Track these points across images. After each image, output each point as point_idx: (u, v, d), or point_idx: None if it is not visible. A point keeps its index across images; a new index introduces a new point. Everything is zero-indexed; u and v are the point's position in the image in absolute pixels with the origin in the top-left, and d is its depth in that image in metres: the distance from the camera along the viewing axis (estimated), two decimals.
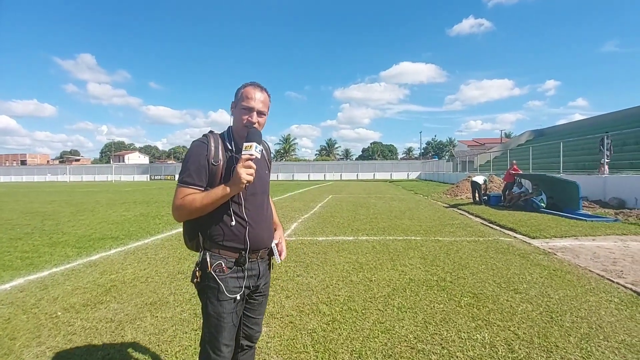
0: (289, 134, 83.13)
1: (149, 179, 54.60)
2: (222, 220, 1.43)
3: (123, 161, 74.48)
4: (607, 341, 2.49)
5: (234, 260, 1.44)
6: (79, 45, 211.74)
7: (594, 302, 3.21)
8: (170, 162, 79.98)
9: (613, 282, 3.84)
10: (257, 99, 1.45)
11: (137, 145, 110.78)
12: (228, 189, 1.35)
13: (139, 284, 3.84)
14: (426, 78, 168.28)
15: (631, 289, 3.60)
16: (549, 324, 2.77)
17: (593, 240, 6.04)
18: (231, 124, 1.53)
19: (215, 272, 1.40)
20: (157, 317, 2.97)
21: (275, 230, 1.68)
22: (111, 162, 63.92)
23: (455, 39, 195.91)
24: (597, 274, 4.12)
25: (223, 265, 1.42)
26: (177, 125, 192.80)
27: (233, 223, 1.43)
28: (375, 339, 2.55)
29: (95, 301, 3.35)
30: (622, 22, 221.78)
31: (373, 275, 4.05)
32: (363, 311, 3.03)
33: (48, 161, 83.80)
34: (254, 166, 1.35)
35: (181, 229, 1.58)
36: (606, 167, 12.09)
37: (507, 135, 58.59)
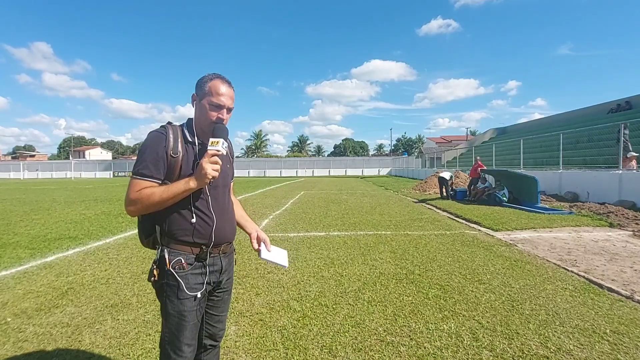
0: (260, 130, 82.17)
1: (112, 176, 51.92)
2: (181, 214, 1.37)
3: (83, 157, 70.26)
4: (563, 326, 2.64)
5: (194, 256, 1.38)
6: (33, 33, 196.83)
7: (551, 290, 3.40)
8: (135, 158, 76.68)
9: (568, 270, 4.10)
10: (227, 95, 1.41)
11: (99, 140, 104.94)
12: (192, 183, 1.30)
13: (99, 285, 3.63)
14: (397, 76, 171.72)
15: (584, 277, 3.85)
16: (510, 312, 2.90)
17: (550, 231, 6.42)
18: (192, 116, 1.47)
19: (174, 269, 1.34)
20: (118, 319, 2.81)
21: (243, 225, 1.66)
22: (70, 158, 60.07)
23: (424, 39, 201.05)
24: (554, 263, 4.38)
25: (183, 261, 1.36)
26: (142, 120, 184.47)
27: (194, 218, 1.37)
28: (346, 334, 2.55)
29: (50, 305, 3.12)
30: (575, 27, 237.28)
31: (344, 270, 4.07)
32: (334, 306, 3.03)
33: None
34: (220, 162, 1.32)
35: None
36: (634, 161, 9.96)
37: (472, 133, 61.11)
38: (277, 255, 1.61)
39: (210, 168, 1.28)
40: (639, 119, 13.43)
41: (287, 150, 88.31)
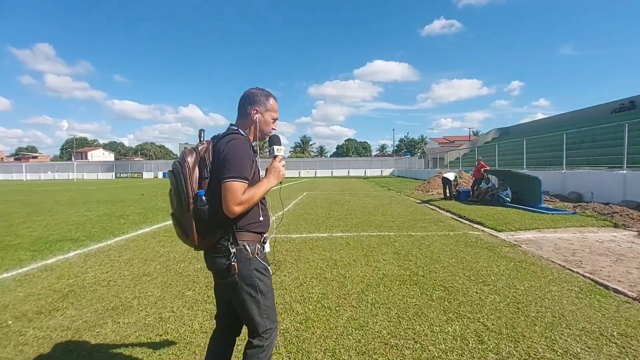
0: None
1: (114, 177, 52.13)
2: (255, 210, 1.56)
3: (86, 158, 70.58)
4: (570, 329, 2.59)
5: (260, 243, 1.60)
6: (35, 34, 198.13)
7: (557, 292, 3.35)
8: (137, 159, 76.77)
9: (573, 271, 4.05)
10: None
11: (102, 141, 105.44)
12: (273, 182, 1.57)
13: (100, 288, 3.61)
14: (399, 76, 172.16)
15: (590, 278, 3.80)
16: (515, 314, 2.86)
17: (554, 232, 6.36)
18: (251, 125, 1.65)
19: (257, 255, 1.56)
20: (118, 322, 2.79)
21: None
22: (73, 159, 60.32)
23: (427, 39, 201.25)
24: (559, 264, 4.33)
25: (259, 247, 1.58)
26: (144, 121, 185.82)
27: (261, 212, 1.60)
28: (349, 337, 2.52)
29: (51, 308, 3.10)
30: (577, 26, 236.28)
31: (347, 271, 4.03)
32: (337, 308, 2.99)
33: (2, 158, 78.03)
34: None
35: (148, 229, 1.59)
36: None
37: (475, 133, 60.95)
38: None
39: (283, 170, 1.61)
40: None
41: (290, 151, 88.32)
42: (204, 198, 1.44)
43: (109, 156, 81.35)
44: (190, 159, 1.47)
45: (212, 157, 1.52)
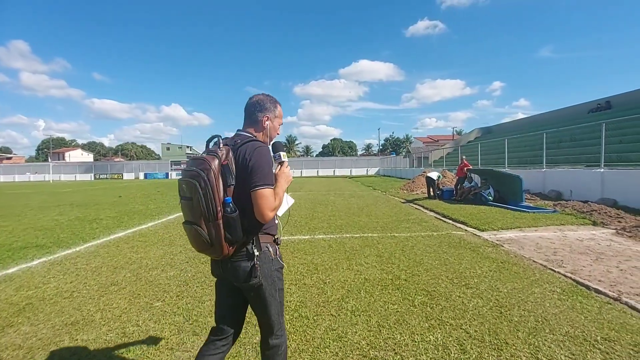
0: None
1: (93, 178, 50.54)
2: None
3: (63, 159, 68.13)
4: (553, 334, 2.52)
5: (275, 244, 1.65)
6: (9, 31, 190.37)
7: (539, 294, 3.30)
8: (118, 159, 74.68)
9: (555, 271, 4.02)
10: None
11: (80, 141, 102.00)
12: (285, 186, 1.60)
13: (62, 300, 3.35)
14: (385, 76, 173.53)
15: (571, 278, 3.78)
16: (498, 319, 2.78)
17: (535, 231, 6.40)
18: (261, 132, 1.67)
19: (277, 255, 1.64)
20: (76, 339, 2.56)
21: None
22: (49, 160, 58.11)
23: (412, 40, 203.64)
24: (541, 264, 4.30)
25: (277, 248, 1.66)
26: (125, 120, 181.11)
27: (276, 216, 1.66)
28: (326, 349, 2.37)
29: (4, 324, 2.85)
30: (556, 30, 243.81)
31: (328, 276, 3.89)
32: (315, 317, 2.84)
33: None
34: None
35: (121, 234, 1.49)
36: None
37: (459, 133, 61.93)
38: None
39: (291, 174, 1.66)
40: (618, 118, 13.72)
41: None
42: (231, 205, 1.44)
43: (88, 157, 78.78)
44: (215, 166, 1.43)
45: (235, 164, 1.50)
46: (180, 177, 1.52)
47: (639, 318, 2.80)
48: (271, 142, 1.70)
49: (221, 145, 1.51)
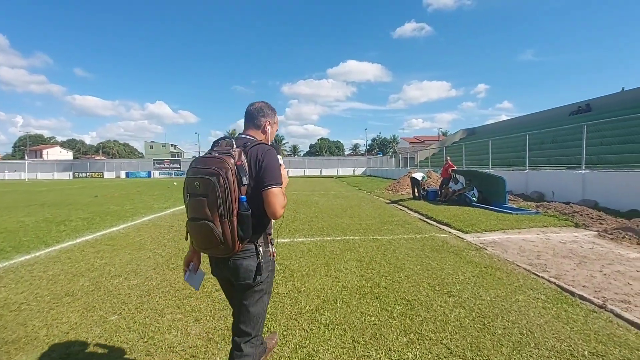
0: (235, 129, 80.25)
1: (71, 177, 48.85)
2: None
3: (41, 157, 65.73)
4: (539, 349, 2.35)
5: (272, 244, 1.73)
6: None
7: (523, 302, 3.15)
8: (99, 157, 72.53)
9: (538, 276, 3.91)
10: None
11: (60, 139, 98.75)
12: (284, 187, 1.66)
13: (7, 313, 3.02)
14: (372, 77, 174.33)
15: (555, 283, 3.66)
16: (481, 332, 2.60)
17: (519, 233, 6.32)
18: (267, 137, 1.81)
19: (274, 256, 1.73)
20: None
21: None
22: (25, 157, 55.87)
23: (399, 41, 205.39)
24: (524, 268, 4.18)
25: (274, 248, 1.74)
26: (108, 118, 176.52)
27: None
28: None
29: None
30: (537, 34, 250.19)
31: (303, 284, 3.65)
32: (285, 333, 2.60)
33: None
34: None
35: (89, 237, 1.54)
36: None
37: (444, 134, 62.66)
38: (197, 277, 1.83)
39: (287, 176, 1.76)
40: (598, 120, 13.95)
41: None
42: (245, 203, 1.50)
43: (67, 154, 76.28)
44: (232, 165, 1.49)
45: (248, 165, 1.55)
46: (192, 175, 1.55)
47: (626, 329, 2.67)
48: None
49: (234, 147, 1.57)
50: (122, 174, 49.22)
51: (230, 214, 1.46)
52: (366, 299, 3.23)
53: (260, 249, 1.60)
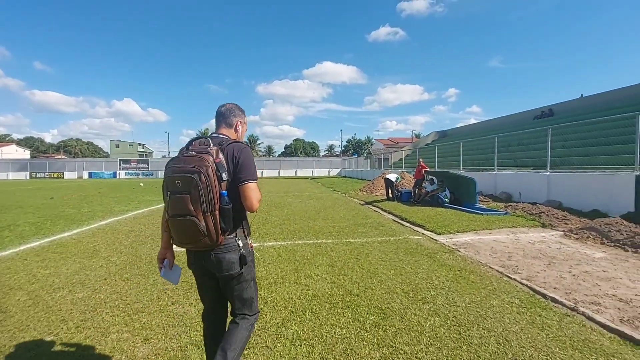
0: (207, 129, 78.12)
1: (28, 177, 45.65)
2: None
3: None
4: None
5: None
6: None
7: (498, 307, 3.05)
8: (59, 157, 68.30)
9: (511, 278, 3.87)
10: None
11: (17, 136, 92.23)
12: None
13: None
14: (348, 79, 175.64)
15: (527, 286, 3.63)
16: (457, 342, 2.45)
17: (490, 233, 6.37)
18: (238, 135, 1.91)
19: (251, 248, 1.81)
20: None
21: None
22: None
23: (374, 44, 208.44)
24: (497, 270, 4.14)
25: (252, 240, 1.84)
26: (71, 115, 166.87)
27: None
28: None
29: None
30: (504, 42, 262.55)
31: (270, 293, 3.40)
32: (245, 352, 2.34)
33: None
34: None
35: (35, 244, 1.73)
36: None
37: (417, 136, 64.07)
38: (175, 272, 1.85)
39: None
40: (561, 124, 14.59)
41: None
42: (226, 198, 1.59)
43: (24, 153, 71.29)
44: (211, 163, 1.56)
45: (226, 161, 1.63)
46: (171, 173, 1.60)
47: (599, 332, 2.62)
48: None
49: (212, 145, 1.63)
50: (85, 175, 46.55)
51: (212, 209, 1.54)
52: (337, 309, 3.03)
53: (240, 242, 1.69)
